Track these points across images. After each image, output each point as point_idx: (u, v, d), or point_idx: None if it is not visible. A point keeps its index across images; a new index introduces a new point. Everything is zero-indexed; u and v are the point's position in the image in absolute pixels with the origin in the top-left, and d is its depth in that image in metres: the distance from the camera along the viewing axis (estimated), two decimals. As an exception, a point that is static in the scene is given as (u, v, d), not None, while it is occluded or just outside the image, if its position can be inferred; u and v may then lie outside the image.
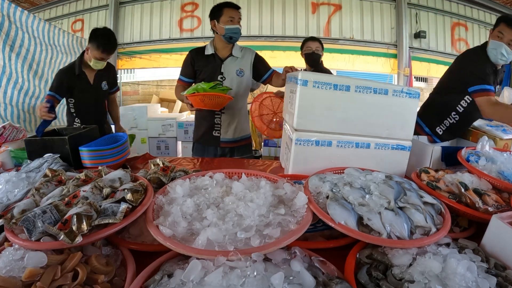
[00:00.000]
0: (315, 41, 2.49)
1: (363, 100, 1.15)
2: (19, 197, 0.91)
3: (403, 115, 1.20)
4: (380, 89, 1.15)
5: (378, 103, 1.17)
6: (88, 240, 0.64)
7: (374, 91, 1.15)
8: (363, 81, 1.16)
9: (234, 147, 2.01)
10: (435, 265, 0.60)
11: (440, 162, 1.29)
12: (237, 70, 1.86)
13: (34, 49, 2.93)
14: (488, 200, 0.87)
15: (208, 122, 1.94)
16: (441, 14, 5.23)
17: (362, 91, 1.14)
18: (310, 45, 2.46)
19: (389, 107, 1.18)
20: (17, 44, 2.69)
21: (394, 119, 1.20)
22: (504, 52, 1.57)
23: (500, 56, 1.59)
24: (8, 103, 2.73)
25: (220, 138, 1.95)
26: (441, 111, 1.75)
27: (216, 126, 1.94)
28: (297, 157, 1.18)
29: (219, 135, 1.94)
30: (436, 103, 1.80)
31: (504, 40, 1.56)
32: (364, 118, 1.18)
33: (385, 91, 1.16)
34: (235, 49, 1.86)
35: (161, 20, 5.15)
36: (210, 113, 1.90)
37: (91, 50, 1.95)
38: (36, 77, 3.01)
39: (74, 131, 1.52)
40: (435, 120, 1.78)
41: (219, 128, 1.94)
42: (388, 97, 1.16)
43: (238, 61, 1.87)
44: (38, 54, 2.99)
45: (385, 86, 1.16)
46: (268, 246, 0.62)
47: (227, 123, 1.94)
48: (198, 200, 0.80)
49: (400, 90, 1.16)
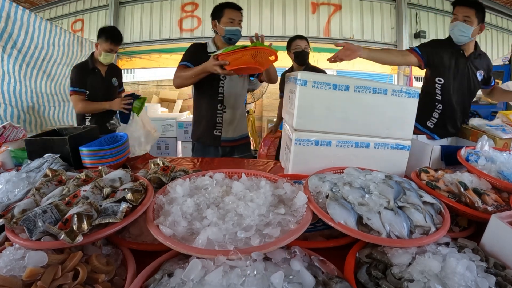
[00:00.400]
0: (303, 39, 2.48)
1: (362, 100, 1.15)
2: (20, 197, 0.91)
3: (402, 114, 1.20)
4: (379, 88, 1.15)
5: (377, 103, 1.17)
6: (88, 240, 0.64)
7: (373, 91, 1.15)
8: (363, 81, 1.16)
9: (234, 146, 2.01)
10: (434, 264, 0.60)
11: (440, 162, 1.29)
12: None
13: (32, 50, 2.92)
14: (487, 200, 0.87)
15: (209, 121, 1.93)
16: (441, 14, 5.23)
17: (362, 90, 1.14)
18: (299, 44, 2.45)
19: (389, 106, 1.18)
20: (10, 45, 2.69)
21: (394, 118, 1.20)
22: (461, 27, 1.65)
23: (459, 33, 1.66)
24: (8, 104, 2.73)
25: (221, 137, 1.95)
26: (425, 103, 1.76)
27: (217, 125, 1.93)
28: (296, 157, 1.18)
29: (220, 134, 1.94)
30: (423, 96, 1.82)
31: (459, 18, 1.66)
32: (364, 118, 1.18)
33: (384, 91, 1.16)
34: None
35: (161, 20, 5.15)
36: (211, 112, 1.89)
37: (100, 44, 2.16)
38: (32, 78, 3.00)
39: (74, 131, 1.52)
40: (423, 115, 1.80)
41: (221, 127, 1.93)
42: (387, 96, 1.16)
43: None
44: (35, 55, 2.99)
45: (385, 85, 1.16)
46: (268, 246, 0.62)
47: (228, 122, 1.94)
48: (198, 200, 0.81)
49: (399, 89, 1.17)
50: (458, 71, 1.75)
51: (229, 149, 2.01)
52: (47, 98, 3.23)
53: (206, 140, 1.97)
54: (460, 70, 1.75)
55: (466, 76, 1.76)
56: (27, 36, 2.83)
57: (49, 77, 3.24)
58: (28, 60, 2.91)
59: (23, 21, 2.72)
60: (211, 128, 1.93)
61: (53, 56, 3.22)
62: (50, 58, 3.18)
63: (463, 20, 1.64)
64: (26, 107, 2.94)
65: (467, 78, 1.77)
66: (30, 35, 2.85)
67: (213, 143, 1.96)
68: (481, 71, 1.78)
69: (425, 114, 1.83)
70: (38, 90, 3.10)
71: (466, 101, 1.82)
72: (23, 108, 2.90)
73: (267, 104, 5.42)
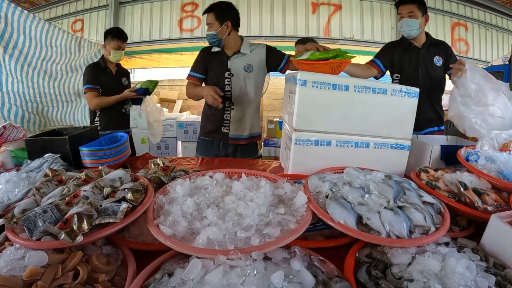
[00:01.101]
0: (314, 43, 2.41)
1: (362, 100, 1.16)
2: (20, 197, 0.91)
3: (402, 114, 1.20)
4: (379, 88, 1.15)
5: (377, 103, 1.17)
6: (88, 240, 0.65)
7: (373, 91, 1.15)
8: (362, 80, 1.16)
9: (240, 145, 1.97)
10: (434, 264, 0.60)
11: (440, 161, 1.29)
12: (245, 66, 1.85)
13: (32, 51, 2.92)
14: (487, 200, 0.87)
15: (217, 118, 1.92)
16: (441, 14, 5.23)
17: (361, 90, 1.14)
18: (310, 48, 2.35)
19: (388, 106, 1.18)
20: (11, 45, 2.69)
21: (393, 118, 1.20)
22: (408, 22, 1.79)
23: (408, 28, 1.80)
24: (13, 104, 2.74)
25: (229, 134, 1.93)
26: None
27: (225, 122, 1.92)
28: (296, 157, 1.19)
29: (228, 132, 1.92)
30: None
31: (404, 16, 1.80)
32: (363, 118, 1.18)
33: (384, 91, 1.16)
34: (244, 46, 1.86)
35: (161, 20, 5.15)
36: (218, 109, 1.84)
37: (108, 44, 2.30)
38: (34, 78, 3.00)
39: (74, 131, 1.52)
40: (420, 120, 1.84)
41: (228, 125, 1.92)
42: (387, 96, 1.17)
43: (246, 57, 1.86)
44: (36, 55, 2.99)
45: (384, 85, 1.16)
46: (268, 245, 0.63)
47: (237, 119, 1.92)
48: (198, 200, 0.81)
49: (399, 89, 1.17)
50: (411, 62, 1.88)
51: (233, 149, 1.98)
52: (50, 98, 3.22)
53: (213, 136, 1.96)
54: (413, 61, 1.87)
55: (422, 65, 1.86)
56: (26, 36, 2.83)
57: (50, 77, 3.23)
58: (30, 60, 2.91)
59: (20, 21, 2.72)
60: (220, 125, 1.92)
61: (52, 56, 3.22)
62: (49, 58, 3.17)
63: (408, 16, 1.79)
64: (31, 107, 2.94)
65: (424, 66, 1.86)
66: (28, 35, 2.85)
67: (220, 138, 1.95)
68: (437, 57, 1.87)
69: None
70: (41, 90, 3.09)
71: (431, 88, 1.88)
72: (28, 108, 2.91)
73: (267, 104, 5.42)
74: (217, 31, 1.77)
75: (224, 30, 1.79)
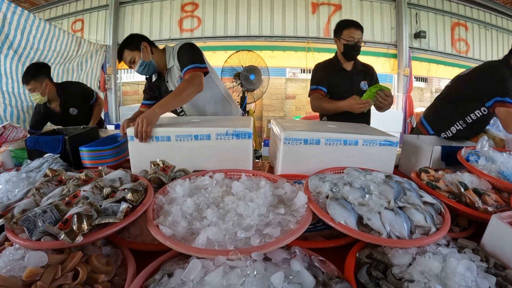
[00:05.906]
0: (359, 29, 1.91)
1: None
2: (19, 197, 0.91)
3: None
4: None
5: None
6: (88, 240, 0.64)
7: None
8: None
9: None
10: (434, 264, 0.60)
11: (440, 162, 1.29)
12: (178, 80, 1.76)
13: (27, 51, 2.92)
14: (487, 200, 0.87)
15: None
16: (441, 14, 5.24)
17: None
18: (353, 34, 1.89)
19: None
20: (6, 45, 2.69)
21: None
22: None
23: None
24: (8, 104, 2.73)
25: None
26: (450, 118, 1.75)
27: None
28: (286, 156, 1.19)
29: None
30: (446, 109, 1.81)
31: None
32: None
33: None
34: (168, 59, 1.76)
35: (161, 20, 5.15)
36: None
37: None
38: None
39: (74, 131, 1.52)
40: (443, 126, 1.78)
41: None
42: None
43: (174, 70, 1.76)
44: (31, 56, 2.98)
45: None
46: (268, 246, 0.62)
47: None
48: (198, 200, 0.81)
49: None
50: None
51: None
52: None
53: None
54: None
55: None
56: (23, 37, 2.83)
57: None
58: (24, 60, 2.91)
59: (19, 22, 2.72)
60: None
61: (47, 56, 3.22)
62: (44, 59, 3.18)
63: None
64: (26, 107, 2.94)
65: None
66: (26, 36, 2.86)
67: None
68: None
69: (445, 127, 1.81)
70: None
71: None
72: (23, 108, 2.90)
73: (267, 104, 5.42)
74: (141, 58, 1.66)
75: (145, 52, 1.68)
